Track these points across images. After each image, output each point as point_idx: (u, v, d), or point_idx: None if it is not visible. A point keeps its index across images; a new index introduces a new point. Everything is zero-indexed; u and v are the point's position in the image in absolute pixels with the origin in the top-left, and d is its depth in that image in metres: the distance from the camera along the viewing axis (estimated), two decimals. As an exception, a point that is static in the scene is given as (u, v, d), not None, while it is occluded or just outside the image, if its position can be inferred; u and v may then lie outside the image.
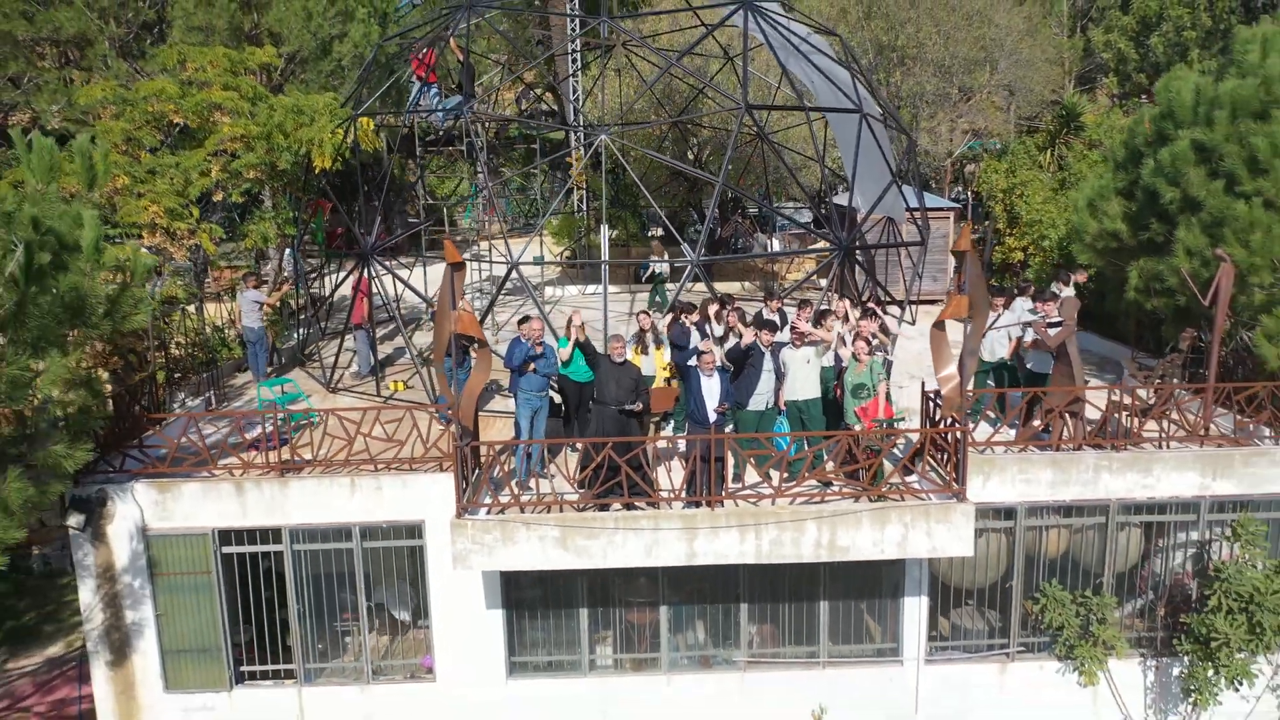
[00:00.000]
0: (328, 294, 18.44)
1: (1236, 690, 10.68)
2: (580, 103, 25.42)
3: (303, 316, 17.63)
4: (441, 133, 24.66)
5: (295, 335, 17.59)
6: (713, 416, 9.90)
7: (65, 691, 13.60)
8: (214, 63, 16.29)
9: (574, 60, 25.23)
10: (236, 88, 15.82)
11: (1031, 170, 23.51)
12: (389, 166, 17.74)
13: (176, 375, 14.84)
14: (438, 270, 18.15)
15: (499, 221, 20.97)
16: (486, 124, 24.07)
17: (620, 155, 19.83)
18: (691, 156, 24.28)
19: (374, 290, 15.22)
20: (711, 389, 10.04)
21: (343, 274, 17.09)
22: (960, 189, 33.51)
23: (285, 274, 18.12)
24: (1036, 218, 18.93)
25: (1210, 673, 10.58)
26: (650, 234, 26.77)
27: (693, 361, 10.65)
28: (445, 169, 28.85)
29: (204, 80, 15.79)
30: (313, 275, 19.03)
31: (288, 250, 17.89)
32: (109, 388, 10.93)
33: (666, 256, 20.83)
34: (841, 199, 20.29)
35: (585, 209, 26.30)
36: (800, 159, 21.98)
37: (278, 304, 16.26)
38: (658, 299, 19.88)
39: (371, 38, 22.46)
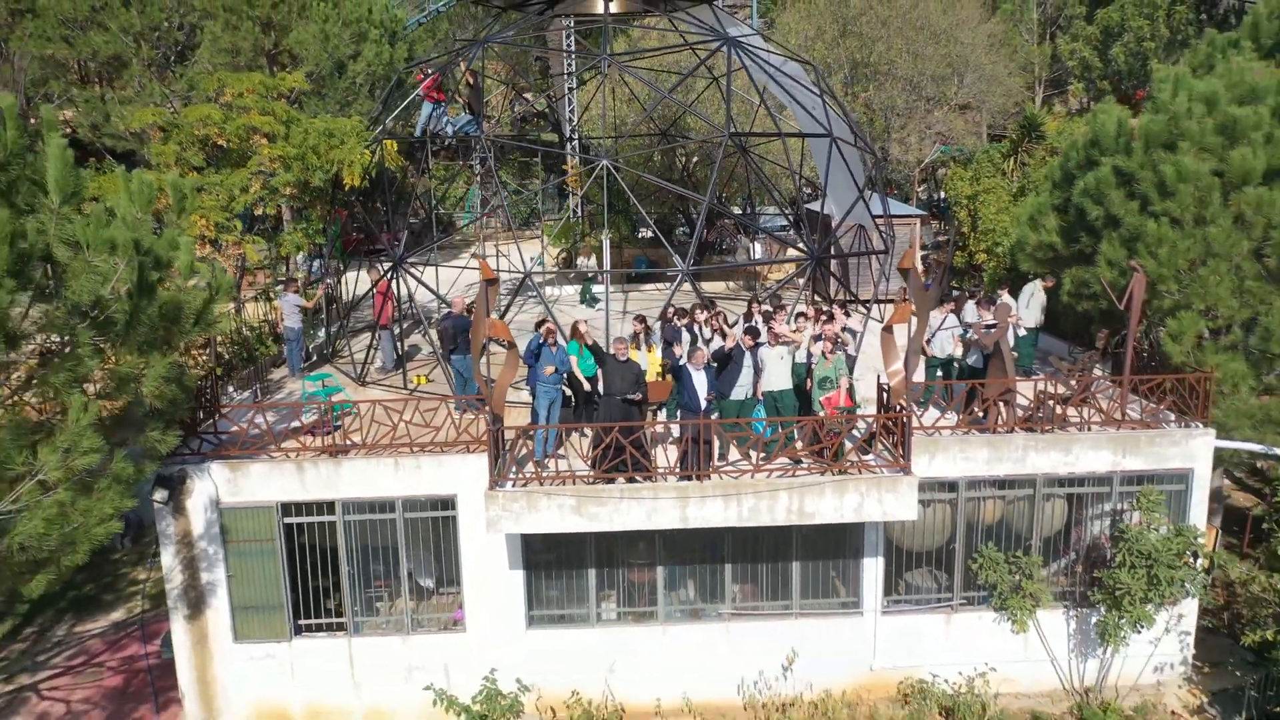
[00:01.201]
0: (347, 295, 20.31)
1: (1139, 633, 12.71)
2: (576, 118, 27.26)
3: (326, 316, 19.46)
4: (448, 144, 26.50)
5: (323, 334, 19.42)
6: (703, 405, 11.83)
7: (133, 650, 15.47)
8: (250, 89, 18.06)
9: (570, 79, 27.05)
10: (271, 111, 17.63)
11: (994, 178, 25.52)
12: (412, 183, 19.54)
13: (226, 371, 16.65)
14: (445, 272, 20.10)
15: (502, 224, 22.85)
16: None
17: (614, 169, 21.70)
18: (680, 164, 26.19)
19: (395, 292, 17.08)
20: (701, 381, 11.98)
21: (357, 274, 18.92)
22: (932, 190, 35.54)
23: (314, 278, 19.93)
24: (990, 226, 20.93)
25: (1118, 619, 12.60)
26: (639, 234, 28.71)
27: (684, 359, 12.58)
28: (449, 176, 30.63)
29: (243, 105, 17.58)
30: (330, 279, 20.88)
31: (316, 257, 19.70)
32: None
33: (593, 257, 22.74)
34: (817, 205, 22.28)
35: (580, 214, 28.13)
36: (779, 170, 23.91)
37: (314, 307, 18.08)
38: (588, 296, 21.91)
39: (384, 57, 24.32)
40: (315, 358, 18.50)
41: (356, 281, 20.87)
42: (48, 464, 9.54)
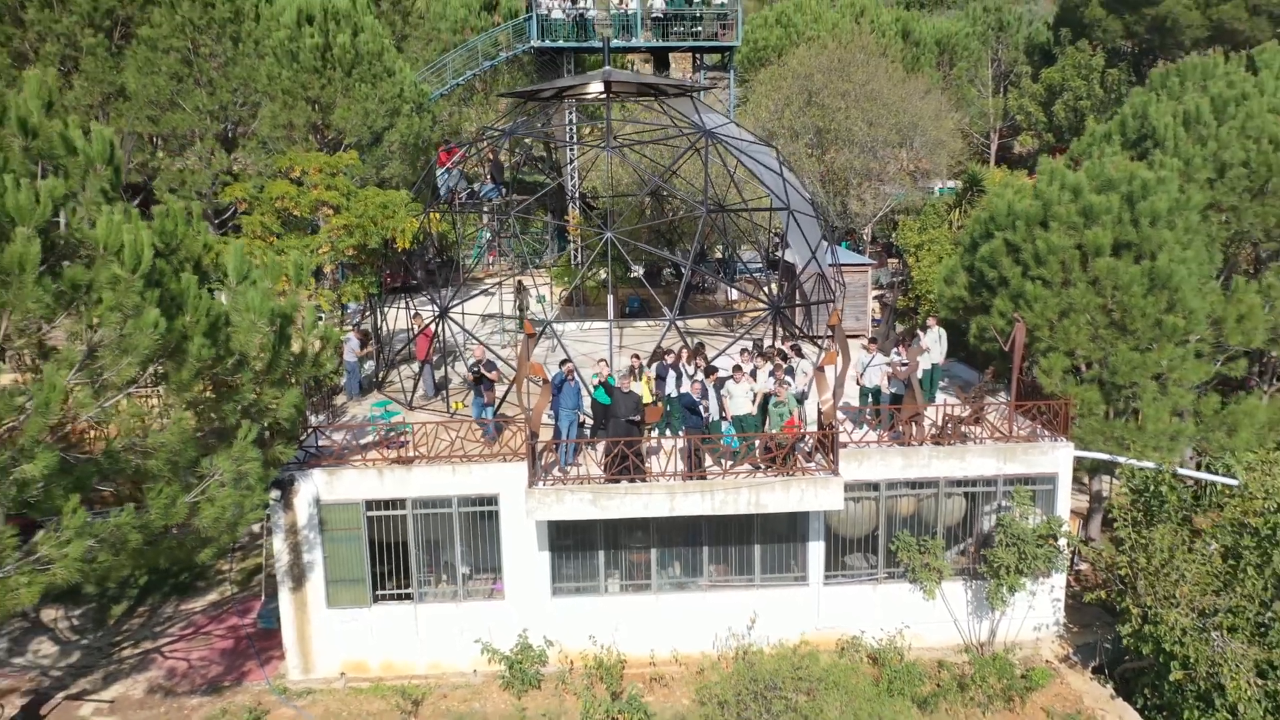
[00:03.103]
0: (387, 329, 24.36)
1: (1013, 594, 16.71)
2: (578, 180, 31.45)
3: (374, 349, 23.49)
4: (465, 200, 30.67)
5: (369, 365, 23.38)
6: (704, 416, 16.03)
7: (232, 621, 19.34)
8: (316, 167, 22.12)
9: (572, 150, 31.27)
10: (335, 187, 21.68)
11: (940, 228, 29.82)
12: (448, 244, 23.64)
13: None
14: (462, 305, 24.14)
15: (509, 264, 26.87)
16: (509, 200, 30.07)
17: (617, 241, 25.83)
18: (668, 214, 30.31)
19: (437, 334, 21.10)
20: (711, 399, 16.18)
21: (397, 311, 23.03)
22: (889, 232, 39.79)
23: (355, 321, 23.94)
24: (924, 277, 25.13)
25: (999, 586, 16.65)
26: (631, 273, 32.86)
27: (672, 391, 16.63)
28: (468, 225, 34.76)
29: (312, 182, 21.61)
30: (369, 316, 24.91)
31: (367, 304, 23.72)
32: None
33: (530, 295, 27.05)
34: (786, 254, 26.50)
35: (579, 258, 32.23)
36: (753, 224, 28.08)
37: (370, 348, 22.11)
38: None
39: (414, 127, 28.48)
40: (365, 386, 22.47)
41: (396, 319, 24.86)
42: (224, 469, 13.55)
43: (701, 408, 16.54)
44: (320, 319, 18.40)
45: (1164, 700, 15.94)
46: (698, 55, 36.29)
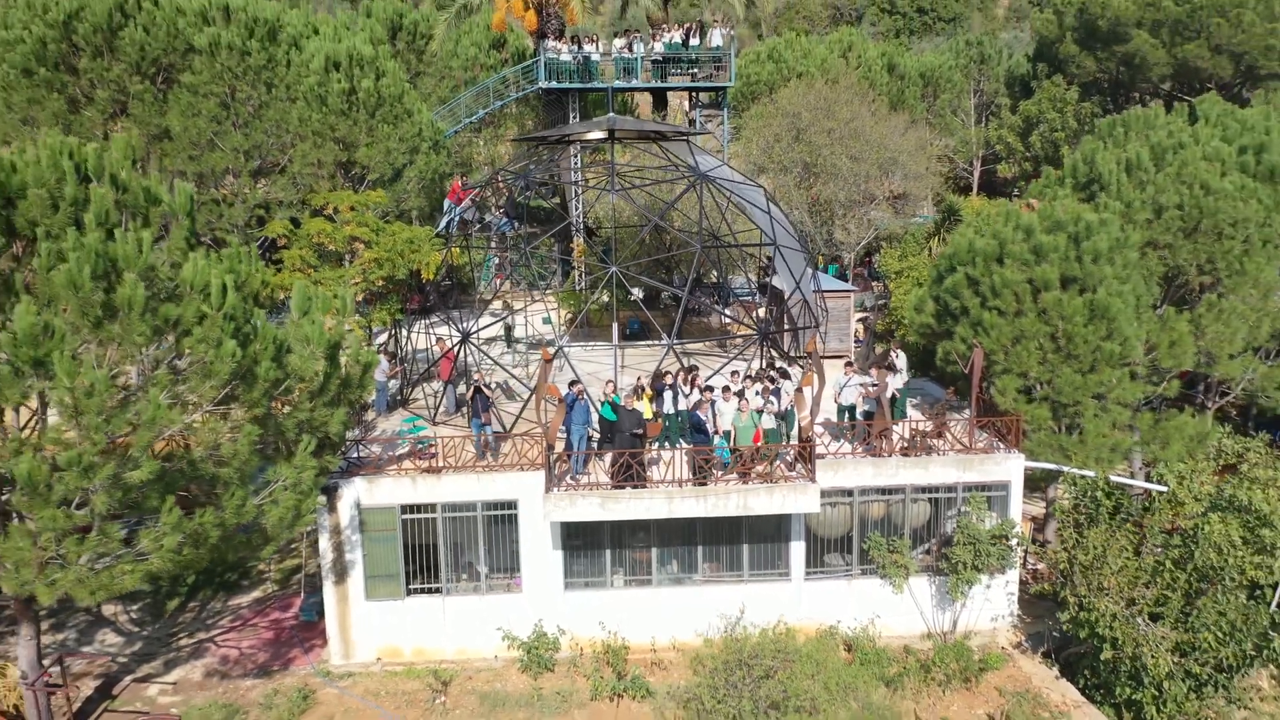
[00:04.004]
0: (411, 349, 26.66)
1: (970, 587, 18.96)
2: (581, 211, 33.85)
3: (399, 369, 25.78)
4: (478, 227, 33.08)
5: (395, 384, 25.65)
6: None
7: (275, 615, 21.55)
8: (348, 205, 24.46)
9: (577, 186, 33.71)
10: (366, 223, 24.01)
11: (918, 255, 32.19)
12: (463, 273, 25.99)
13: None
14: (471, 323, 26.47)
15: (515, 285, 29.22)
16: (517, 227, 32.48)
17: (622, 276, 28.20)
18: (666, 244, 32.67)
19: (459, 357, 23.38)
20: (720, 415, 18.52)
21: (418, 332, 25.43)
22: (873, 261, 42.21)
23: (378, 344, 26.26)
24: (898, 304, 27.47)
25: (957, 581, 18.90)
26: (631, 296, 35.23)
27: (669, 408, 18.91)
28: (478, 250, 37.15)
29: (346, 219, 23.94)
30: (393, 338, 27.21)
31: (393, 328, 26.04)
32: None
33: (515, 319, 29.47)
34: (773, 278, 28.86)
35: (583, 283, 34.57)
36: (742, 255, 30.46)
37: (397, 369, 24.41)
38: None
39: (432, 164, 30.86)
40: (394, 404, 24.74)
41: (415, 339, 27.15)
42: (286, 476, 15.82)
43: (708, 425, 18.83)
44: (364, 346, 20.67)
45: (1101, 680, 18.20)
46: (694, 94, 38.75)
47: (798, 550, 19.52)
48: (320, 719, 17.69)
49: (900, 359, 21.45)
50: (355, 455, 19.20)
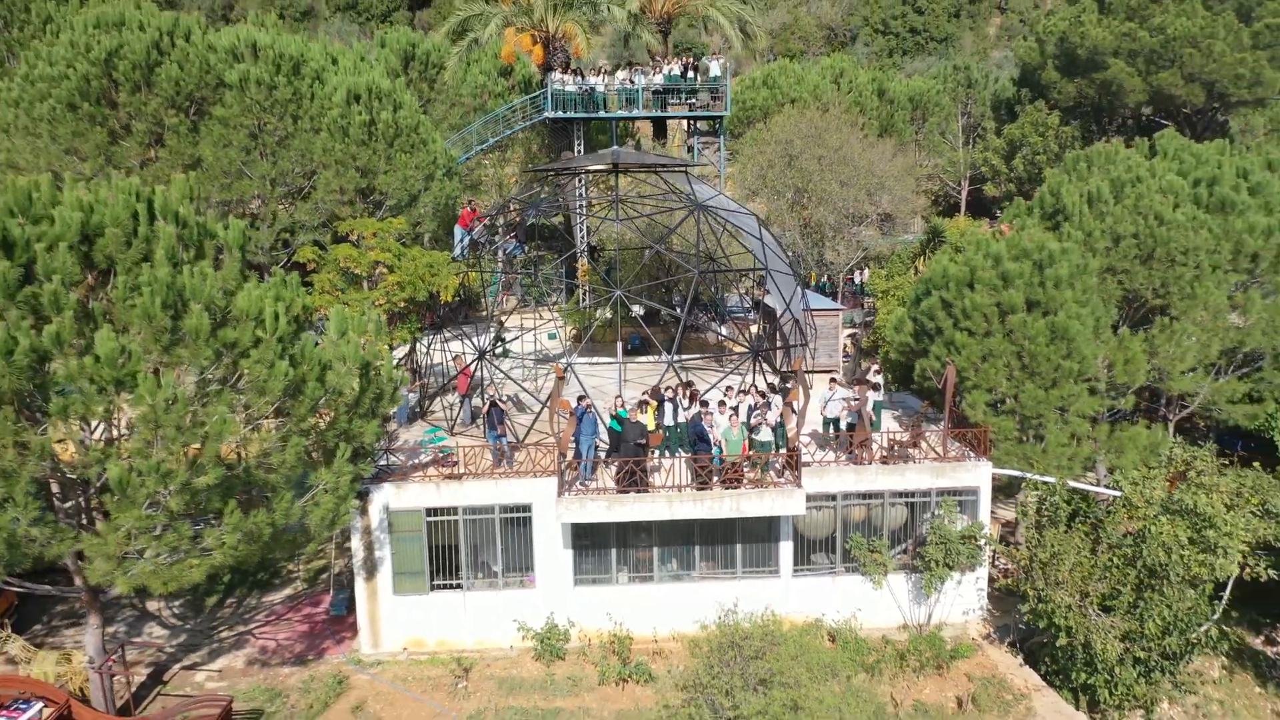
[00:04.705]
0: (428, 364, 28.60)
1: (942, 583, 20.88)
2: (586, 232, 35.88)
3: (419, 383, 27.71)
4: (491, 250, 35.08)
5: (414, 397, 27.58)
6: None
7: (307, 610, 23.43)
8: (371, 231, 26.42)
9: (581, 208, 35.77)
10: (389, 249, 25.98)
11: (904, 275, 34.17)
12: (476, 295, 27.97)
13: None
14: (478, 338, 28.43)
15: (520, 302, 31.18)
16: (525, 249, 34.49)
17: (625, 299, 30.16)
18: (665, 264, 34.66)
19: (475, 373, 25.31)
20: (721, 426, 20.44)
21: (432, 345, 27.50)
22: (864, 277, 44.23)
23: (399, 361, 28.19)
24: (881, 324, 29.44)
25: (930, 577, 20.81)
26: (632, 313, 37.22)
27: (669, 420, 20.85)
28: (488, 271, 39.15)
29: (369, 245, 25.90)
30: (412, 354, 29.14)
31: (412, 345, 27.99)
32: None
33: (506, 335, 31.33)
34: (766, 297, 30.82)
35: (586, 300, 36.52)
36: (737, 277, 32.43)
37: (416, 384, 26.34)
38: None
39: (445, 190, 32.86)
40: (413, 416, 26.66)
41: (431, 354, 29.07)
42: (327, 481, 17.75)
43: (711, 436, 20.76)
44: (397, 365, 22.61)
45: (1059, 666, 20.11)
46: (692, 122, 40.81)
47: (786, 550, 21.43)
48: (354, 701, 19.56)
49: (878, 377, 23.39)
50: (384, 462, 21.11)
